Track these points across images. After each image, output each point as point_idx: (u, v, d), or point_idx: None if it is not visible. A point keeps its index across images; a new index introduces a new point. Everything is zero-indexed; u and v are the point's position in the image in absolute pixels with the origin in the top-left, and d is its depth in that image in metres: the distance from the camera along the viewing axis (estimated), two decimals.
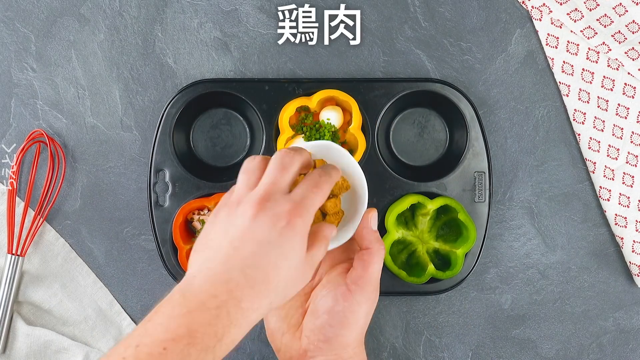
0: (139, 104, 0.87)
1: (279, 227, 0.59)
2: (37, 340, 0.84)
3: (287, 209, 0.59)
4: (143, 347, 0.55)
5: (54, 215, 0.87)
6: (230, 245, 0.59)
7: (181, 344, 0.55)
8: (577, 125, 0.87)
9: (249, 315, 0.58)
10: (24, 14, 0.87)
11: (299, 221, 0.59)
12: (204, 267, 0.59)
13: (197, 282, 0.58)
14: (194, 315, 0.56)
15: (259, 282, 0.58)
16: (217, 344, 0.56)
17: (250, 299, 0.58)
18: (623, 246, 0.86)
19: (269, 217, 0.59)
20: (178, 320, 0.56)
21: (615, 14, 0.86)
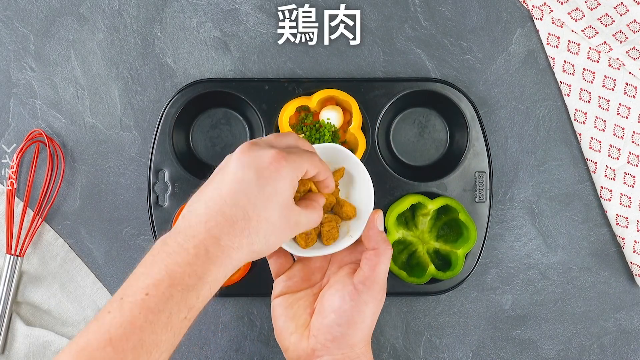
0: (139, 103, 0.87)
1: (261, 167, 0.60)
2: (36, 340, 0.84)
3: (272, 153, 0.61)
4: (127, 298, 0.56)
5: (53, 215, 0.87)
6: (212, 188, 0.61)
7: (162, 287, 0.56)
8: (578, 125, 0.87)
9: (229, 254, 0.59)
10: (23, 14, 0.87)
11: (283, 164, 0.60)
12: (187, 213, 0.60)
13: (178, 227, 0.60)
14: (173, 257, 0.57)
15: (238, 219, 0.59)
16: (199, 282, 0.57)
17: (229, 237, 0.58)
18: (624, 246, 0.86)
19: (252, 157, 0.60)
20: (158, 266, 0.57)
21: (617, 13, 0.86)
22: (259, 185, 0.60)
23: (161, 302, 0.56)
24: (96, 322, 0.56)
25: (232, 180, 0.60)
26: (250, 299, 0.87)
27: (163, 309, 0.56)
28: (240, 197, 0.59)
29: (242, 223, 0.59)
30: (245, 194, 0.59)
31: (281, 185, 0.60)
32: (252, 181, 0.60)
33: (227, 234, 0.58)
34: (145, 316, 0.55)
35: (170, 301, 0.56)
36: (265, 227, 0.60)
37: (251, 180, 0.60)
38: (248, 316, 0.87)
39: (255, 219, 0.59)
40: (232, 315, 0.87)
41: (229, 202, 0.59)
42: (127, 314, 0.55)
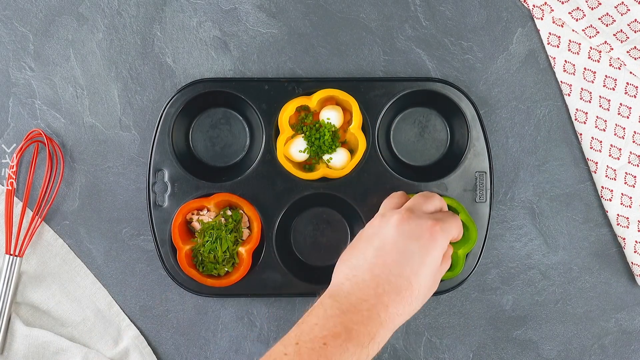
0: (138, 103, 0.87)
1: (422, 239, 0.66)
2: (36, 341, 0.84)
3: (430, 222, 0.67)
4: (303, 344, 0.60)
5: (52, 215, 0.87)
6: (375, 254, 0.66)
7: (339, 340, 0.60)
8: (579, 124, 0.86)
9: (394, 319, 0.64)
10: (22, 13, 0.87)
11: (440, 235, 0.67)
12: (351, 275, 0.65)
13: (345, 288, 0.64)
14: (348, 315, 0.62)
15: (403, 289, 0.64)
16: (370, 342, 0.62)
17: (396, 304, 0.64)
18: (625, 247, 0.86)
19: (412, 227, 0.66)
20: (334, 320, 0.62)
21: (617, 12, 0.86)
22: (421, 256, 0.65)
23: (337, 353, 0.60)
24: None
25: (396, 251, 0.65)
26: (250, 300, 0.87)
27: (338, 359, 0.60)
28: (404, 268, 0.65)
29: (407, 292, 0.65)
30: (409, 265, 0.65)
31: (437, 253, 0.67)
32: (415, 253, 0.65)
33: (394, 301, 0.64)
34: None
35: (345, 354, 0.60)
36: (423, 292, 0.66)
37: (414, 252, 0.65)
38: (248, 316, 0.87)
39: (417, 287, 0.65)
40: (232, 316, 0.87)
41: (394, 273, 0.64)
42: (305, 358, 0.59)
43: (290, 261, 0.85)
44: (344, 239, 0.86)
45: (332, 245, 0.86)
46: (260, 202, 0.83)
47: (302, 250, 0.86)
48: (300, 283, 0.83)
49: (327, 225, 0.86)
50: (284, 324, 0.87)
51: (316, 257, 0.86)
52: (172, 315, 0.87)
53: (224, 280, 0.82)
